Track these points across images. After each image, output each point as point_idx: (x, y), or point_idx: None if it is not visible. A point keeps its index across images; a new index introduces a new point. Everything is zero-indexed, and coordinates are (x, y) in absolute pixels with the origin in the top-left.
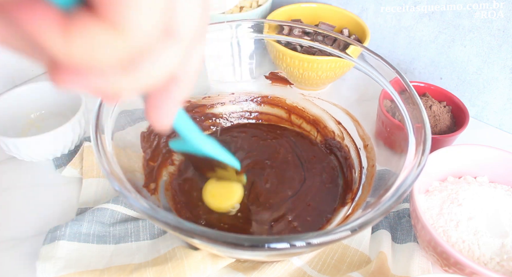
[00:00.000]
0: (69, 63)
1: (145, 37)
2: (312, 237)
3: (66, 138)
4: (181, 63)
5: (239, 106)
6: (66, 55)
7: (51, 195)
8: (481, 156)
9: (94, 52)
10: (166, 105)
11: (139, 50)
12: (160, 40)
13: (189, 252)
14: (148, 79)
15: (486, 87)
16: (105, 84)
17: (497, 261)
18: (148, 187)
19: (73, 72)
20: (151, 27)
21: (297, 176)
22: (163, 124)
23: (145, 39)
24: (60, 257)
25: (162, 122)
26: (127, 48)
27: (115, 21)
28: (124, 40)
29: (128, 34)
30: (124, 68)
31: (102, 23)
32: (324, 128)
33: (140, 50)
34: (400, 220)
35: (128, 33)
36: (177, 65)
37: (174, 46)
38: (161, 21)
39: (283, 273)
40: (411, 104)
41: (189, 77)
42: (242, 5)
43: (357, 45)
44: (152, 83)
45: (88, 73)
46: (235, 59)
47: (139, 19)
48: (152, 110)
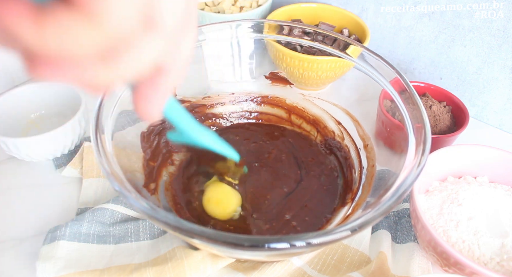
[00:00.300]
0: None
1: (123, 28)
2: (312, 237)
3: (66, 138)
4: (167, 54)
5: (239, 106)
6: (39, 46)
7: (51, 195)
8: (481, 156)
9: (68, 43)
10: (153, 96)
11: (117, 41)
12: (140, 31)
13: (189, 252)
14: (129, 70)
15: (486, 87)
16: (85, 75)
17: (497, 261)
18: (148, 187)
19: (50, 64)
20: (129, 18)
21: (294, 176)
22: (151, 115)
23: (123, 30)
24: (60, 257)
25: (149, 113)
26: (104, 39)
27: (90, 11)
28: (100, 31)
29: (104, 25)
30: (103, 59)
31: (76, 14)
32: (324, 128)
33: (119, 41)
34: (400, 220)
35: (104, 24)
36: (160, 56)
37: (155, 37)
38: (141, 12)
39: (283, 273)
40: (411, 104)
41: (177, 68)
42: (242, 5)
43: (357, 45)
44: (134, 74)
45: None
46: (235, 59)
47: (116, 10)
48: (139, 101)
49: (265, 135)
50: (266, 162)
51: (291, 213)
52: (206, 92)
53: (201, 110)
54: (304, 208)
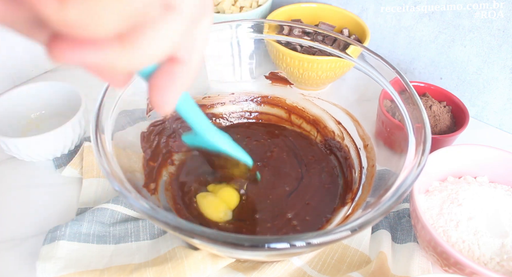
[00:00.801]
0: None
1: (144, 7)
2: (312, 237)
3: (66, 138)
4: (184, 41)
5: (239, 106)
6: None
7: (51, 195)
8: (481, 156)
9: (90, 20)
10: (169, 86)
11: (138, 20)
12: (160, 13)
13: (189, 252)
14: (147, 54)
15: (486, 87)
16: (103, 58)
17: (497, 261)
18: (148, 187)
19: (71, 44)
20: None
21: (295, 174)
22: (166, 106)
23: (144, 9)
24: (60, 257)
25: (164, 104)
26: (125, 17)
27: None
28: (122, 7)
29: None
30: (122, 41)
31: None
32: (324, 128)
33: (139, 21)
34: (400, 220)
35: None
36: (178, 41)
37: (174, 20)
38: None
39: (283, 273)
40: (411, 104)
41: (193, 59)
42: (242, 5)
43: (357, 45)
44: (153, 58)
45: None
46: (235, 59)
47: None
48: (155, 91)
49: (266, 134)
50: (269, 161)
51: (293, 211)
52: (206, 92)
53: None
54: (306, 207)
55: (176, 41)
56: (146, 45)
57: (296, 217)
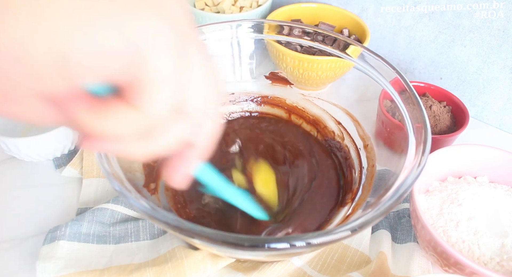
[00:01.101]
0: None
1: (159, 116)
2: (312, 237)
3: (66, 138)
4: (193, 133)
5: (239, 106)
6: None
7: (51, 195)
8: (481, 156)
9: (116, 126)
10: (180, 166)
11: (154, 125)
12: (173, 117)
13: (189, 252)
14: (161, 147)
15: (486, 87)
16: (124, 149)
17: (497, 261)
18: (148, 187)
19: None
20: (166, 110)
21: (301, 174)
22: (179, 182)
23: (159, 118)
24: (60, 257)
25: (177, 181)
26: (145, 124)
27: (137, 105)
28: (143, 118)
29: (146, 114)
30: (141, 138)
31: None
32: (324, 128)
33: (155, 126)
34: (400, 220)
35: (146, 114)
36: (187, 135)
37: (183, 121)
38: (174, 104)
39: (283, 273)
40: (411, 104)
41: (202, 144)
42: (242, 5)
43: (357, 45)
44: (165, 149)
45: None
46: (235, 59)
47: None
48: (168, 170)
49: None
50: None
51: (294, 211)
52: None
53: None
54: (307, 206)
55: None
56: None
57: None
